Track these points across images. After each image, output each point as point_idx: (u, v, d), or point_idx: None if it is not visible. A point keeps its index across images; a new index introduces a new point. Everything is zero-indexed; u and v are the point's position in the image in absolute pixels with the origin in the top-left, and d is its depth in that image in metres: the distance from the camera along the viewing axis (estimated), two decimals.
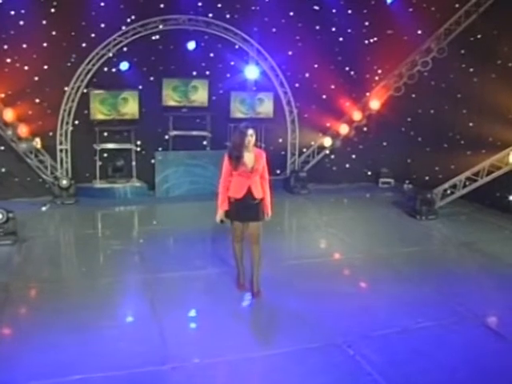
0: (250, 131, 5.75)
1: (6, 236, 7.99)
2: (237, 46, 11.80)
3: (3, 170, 10.82)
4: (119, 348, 4.87)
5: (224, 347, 4.94)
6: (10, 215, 8.04)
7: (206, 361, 4.69)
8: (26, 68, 10.64)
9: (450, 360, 4.78)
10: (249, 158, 5.77)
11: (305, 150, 12.91)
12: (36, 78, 10.76)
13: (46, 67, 10.76)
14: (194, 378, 4.45)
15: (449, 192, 10.10)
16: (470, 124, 11.13)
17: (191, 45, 11.29)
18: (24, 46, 10.56)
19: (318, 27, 12.19)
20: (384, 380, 4.39)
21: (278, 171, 12.75)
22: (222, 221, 6.02)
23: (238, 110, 12.09)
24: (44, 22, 10.60)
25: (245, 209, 5.82)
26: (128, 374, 4.43)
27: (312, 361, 4.71)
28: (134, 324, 5.42)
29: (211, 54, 11.75)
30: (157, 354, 4.76)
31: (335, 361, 4.71)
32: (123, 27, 10.99)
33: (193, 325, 5.60)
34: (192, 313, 5.81)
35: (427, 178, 12.03)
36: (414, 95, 12.33)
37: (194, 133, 11.77)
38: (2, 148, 10.67)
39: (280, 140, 12.70)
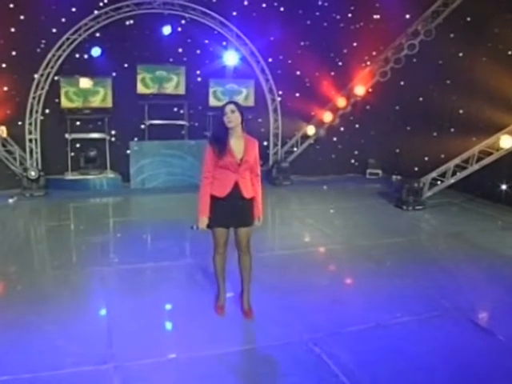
0: (230, 106, 4.56)
1: None
2: (215, 31, 11.27)
3: None
4: (57, 346, 4.35)
5: (175, 345, 4.43)
6: None
7: (152, 360, 4.18)
8: None
9: (429, 359, 4.26)
10: (237, 145, 4.61)
11: (288, 140, 12.36)
12: (3, 65, 10.23)
13: (14, 53, 10.23)
14: (134, 379, 3.94)
15: (438, 182, 9.57)
16: (460, 111, 10.67)
17: (167, 30, 10.76)
18: None
19: (300, 11, 11.67)
20: (350, 383, 3.87)
21: (261, 162, 12.19)
22: (207, 226, 4.73)
23: (216, 98, 11.53)
24: (11, 6, 10.06)
25: (230, 211, 4.66)
26: (60, 375, 3.94)
27: (271, 361, 4.20)
28: (80, 320, 4.86)
29: (188, 40, 11.23)
30: (99, 353, 4.25)
31: (298, 360, 4.19)
32: (95, 11, 10.44)
33: (146, 321, 5.05)
34: (148, 308, 5.28)
35: (416, 168, 11.48)
36: (402, 82, 11.84)
37: (171, 122, 11.23)
38: None
39: (262, 130, 12.15)
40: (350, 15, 11.88)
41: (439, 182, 9.56)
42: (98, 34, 10.66)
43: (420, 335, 4.66)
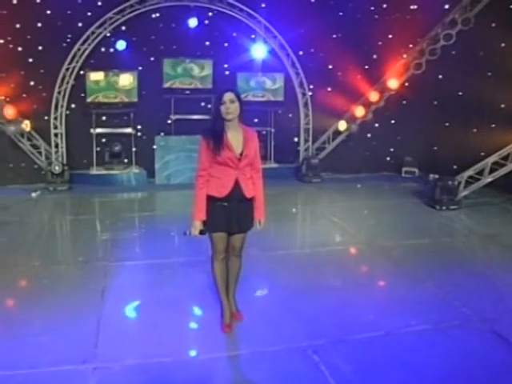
0: (229, 95, 4.05)
1: None
2: (243, 24, 10.95)
3: None
4: (41, 343, 4.14)
5: (164, 347, 4.12)
6: None
7: (135, 362, 3.90)
8: (19, 49, 10.17)
9: (441, 373, 3.81)
10: (235, 138, 4.12)
11: (319, 136, 11.92)
12: (30, 60, 10.24)
13: (40, 48, 10.24)
14: (110, 381, 3.68)
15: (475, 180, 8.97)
16: (502, 105, 10.05)
17: (193, 22, 10.52)
18: (17, 26, 10.06)
19: (332, 2, 11.22)
20: None
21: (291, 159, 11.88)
22: (201, 232, 4.22)
23: (245, 92, 11.21)
24: (38, 1, 10.08)
25: (231, 213, 4.16)
26: (37, 373, 3.72)
27: (259, 368, 3.83)
28: (69, 316, 4.62)
29: (215, 33, 10.96)
30: (82, 352, 4.00)
31: (292, 369, 3.82)
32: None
33: (139, 320, 4.79)
34: (142, 306, 5.01)
35: (455, 166, 10.84)
36: (440, 76, 11.23)
37: (198, 116, 10.95)
38: None
39: (292, 125, 11.79)
40: (384, 6, 11.31)
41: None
42: (123, 28, 10.54)
43: (434, 346, 4.18)
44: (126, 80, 10.69)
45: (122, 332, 4.40)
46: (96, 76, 10.48)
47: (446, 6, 10.68)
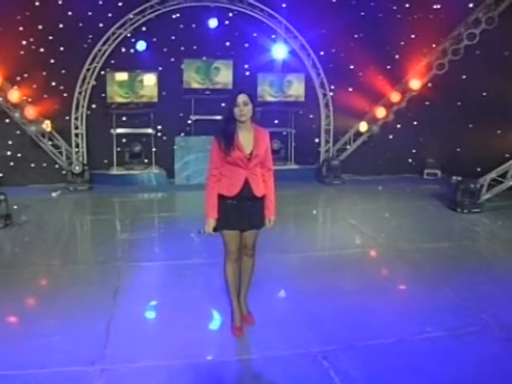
0: (242, 97, 4.04)
1: None
2: (264, 24, 10.91)
3: (19, 155, 10.48)
4: (51, 343, 4.14)
5: (174, 350, 4.08)
6: (1, 197, 7.58)
7: (144, 364, 3.88)
8: (41, 50, 10.30)
9: (454, 380, 3.70)
10: (246, 139, 4.12)
11: (340, 137, 11.80)
12: (52, 61, 10.35)
13: (61, 49, 10.34)
14: (117, 383, 3.66)
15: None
16: None
17: (213, 22, 10.50)
18: (40, 27, 10.20)
19: (354, 2, 11.10)
20: None
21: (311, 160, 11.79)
22: (215, 229, 4.21)
23: (265, 93, 11.19)
24: (60, 2, 10.20)
25: (241, 211, 4.17)
26: (45, 373, 3.71)
27: (271, 373, 3.77)
28: (82, 317, 4.62)
29: (236, 33, 10.94)
30: (90, 353, 3.99)
31: (300, 375, 3.75)
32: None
33: (150, 322, 4.77)
34: (156, 308, 5.01)
35: (479, 169, 10.61)
36: (464, 76, 11.02)
37: (218, 117, 10.86)
38: (18, 132, 10.29)
39: (313, 126, 11.70)
40: (407, 5, 11.16)
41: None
42: (143, 28, 10.59)
43: (449, 353, 4.06)
44: (147, 80, 10.72)
45: (132, 333, 4.37)
46: (120, 76, 10.52)
47: (470, 5, 10.49)
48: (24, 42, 10.14)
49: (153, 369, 3.83)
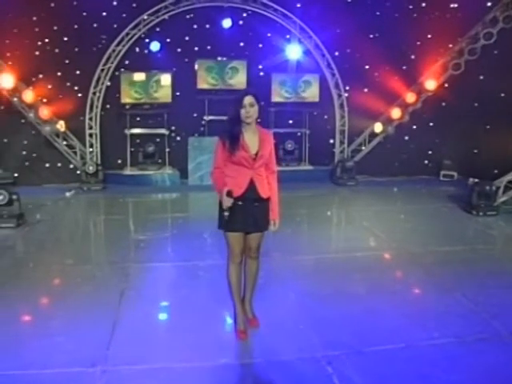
0: (248, 98, 4.00)
1: (10, 219, 7.59)
2: (278, 24, 10.86)
3: (34, 155, 10.56)
4: (55, 343, 4.13)
5: (176, 352, 4.05)
6: (14, 197, 7.63)
7: (146, 366, 3.85)
8: (56, 51, 10.36)
9: None
10: (251, 139, 4.11)
11: (356, 137, 11.70)
12: (67, 61, 10.41)
13: (76, 49, 10.39)
14: None
15: None
16: None
17: (227, 23, 10.49)
18: (55, 28, 10.28)
19: (369, 1, 10.97)
20: None
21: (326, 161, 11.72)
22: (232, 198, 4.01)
23: (279, 94, 11.13)
24: (75, 3, 10.25)
25: (246, 212, 4.11)
26: (46, 374, 3.72)
27: (273, 378, 3.71)
28: (87, 317, 4.62)
29: (250, 33, 10.90)
30: (92, 354, 3.97)
31: (303, 381, 3.69)
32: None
33: (155, 324, 4.74)
34: (162, 310, 4.98)
35: (496, 170, 10.43)
36: (481, 77, 10.84)
37: None
38: (33, 132, 10.37)
39: (328, 127, 11.61)
40: (423, 5, 11.01)
41: None
42: (157, 29, 10.62)
43: (457, 361, 3.96)
44: (161, 81, 10.73)
45: (136, 335, 4.34)
46: (138, 77, 10.55)
47: (488, 4, 10.32)
48: (39, 43, 10.23)
49: (154, 371, 3.79)
